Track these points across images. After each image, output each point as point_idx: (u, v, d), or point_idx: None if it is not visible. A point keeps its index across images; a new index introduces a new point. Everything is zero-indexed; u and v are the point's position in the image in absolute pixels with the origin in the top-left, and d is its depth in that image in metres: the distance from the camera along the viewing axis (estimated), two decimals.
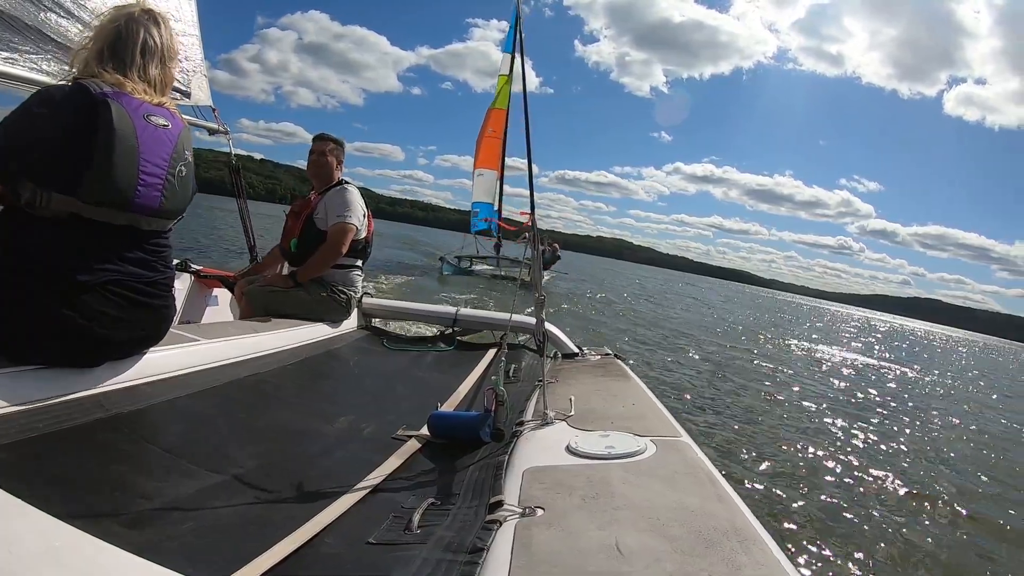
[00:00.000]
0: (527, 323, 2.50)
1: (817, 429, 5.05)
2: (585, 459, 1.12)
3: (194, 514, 0.93)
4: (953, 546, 3.04)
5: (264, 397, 1.62)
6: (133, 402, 1.26)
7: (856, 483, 3.76)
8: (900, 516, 3.31)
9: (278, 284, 2.49)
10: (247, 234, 3.42)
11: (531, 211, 1.63)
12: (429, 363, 2.41)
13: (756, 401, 5.78)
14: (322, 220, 2.48)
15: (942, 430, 6.17)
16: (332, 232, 2.45)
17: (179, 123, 1.36)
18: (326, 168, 2.58)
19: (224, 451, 1.21)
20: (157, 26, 1.35)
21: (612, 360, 2.23)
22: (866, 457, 4.42)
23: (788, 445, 4.33)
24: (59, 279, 1.16)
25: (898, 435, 5.41)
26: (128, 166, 1.22)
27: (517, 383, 1.99)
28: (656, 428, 1.31)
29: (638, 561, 0.73)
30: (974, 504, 3.77)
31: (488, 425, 1.36)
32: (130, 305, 1.27)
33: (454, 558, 0.81)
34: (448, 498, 1.08)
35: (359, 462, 1.25)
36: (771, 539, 0.80)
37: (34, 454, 0.97)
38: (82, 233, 1.20)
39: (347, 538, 0.92)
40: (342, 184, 2.57)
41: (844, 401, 6.73)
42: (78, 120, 1.17)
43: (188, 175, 1.39)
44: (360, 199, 2.56)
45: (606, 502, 0.91)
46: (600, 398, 1.62)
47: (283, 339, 2.06)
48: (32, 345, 1.14)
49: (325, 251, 2.46)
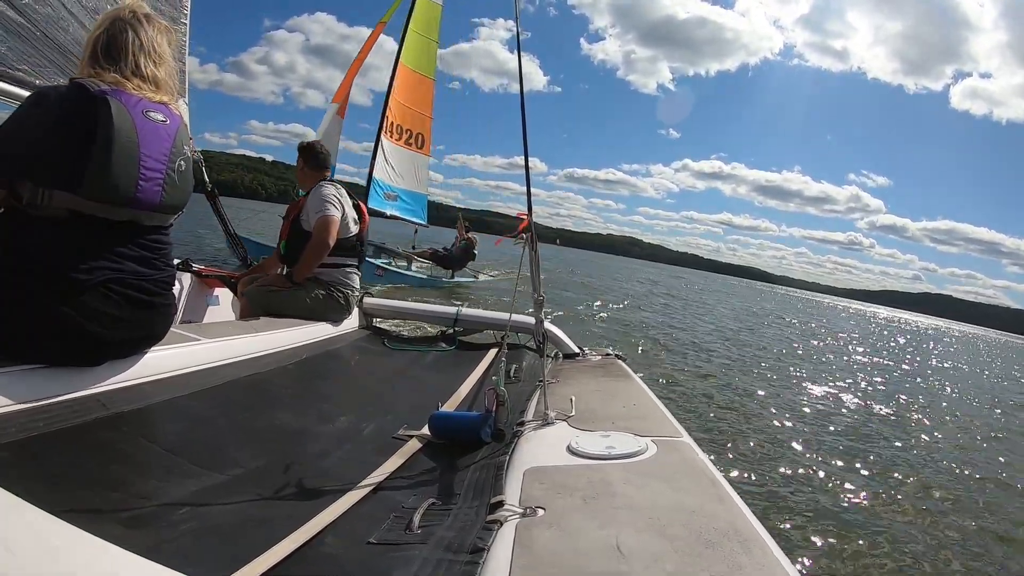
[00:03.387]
0: (528, 323, 2.50)
1: (830, 430, 5.05)
2: (586, 459, 1.12)
3: (194, 513, 0.93)
4: (955, 546, 3.04)
5: (265, 397, 1.63)
6: (133, 401, 1.26)
7: (859, 483, 3.76)
8: (902, 516, 3.31)
9: (276, 284, 2.52)
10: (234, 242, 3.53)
11: (528, 212, 1.63)
12: (430, 363, 2.41)
13: (768, 400, 5.78)
14: (306, 221, 2.56)
15: (956, 431, 6.16)
16: (315, 228, 2.50)
17: (176, 119, 1.37)
18: (299, 176, 2.74)
19: (224, 451, 1.21)
20: (142, 25, 1.35)
21: (613, 360, 2.24)
22: (871, 456, 4.41)
23: (790, 444, 4.33)
24: (59, 278, 1.16)
25: (911, 435, 5.41)
26: (129, 162, 1.23)
27: (518, 383, 1.99)
28: (657, 428, 1.31)
29: (639, 561, 0.73)
30: (978, 504, 3.76)
31: (489, 425, 1.36)
32: (131, 304, 1.27)
33: (455, 558, 0.81)
34: (449, 498, 1.08)
35: (360, 462, 1.25)
36: (772, 540, 0.80)
37: (34, 453, 0.97)
38: (82, 232, 1.20)
39: (348, 538, 0.92)
40: (319, 184, 2.63)
41: (857, 401, 6.73)
42: (77, 117, 1.18)
43: (187, 170, 1.40)
44: (336, 193, 2.58)
45: (607, 502, 0.91)
46: (601, 398, 1.62)
47: (284, 339, 2.07)
48: (33, 344, 1.15)
49: (313, 246, 2.50)
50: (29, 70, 2.08)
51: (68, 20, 2.19)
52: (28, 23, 2.07)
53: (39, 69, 2.10)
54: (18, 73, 2.05)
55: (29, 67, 2.08)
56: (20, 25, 2.05)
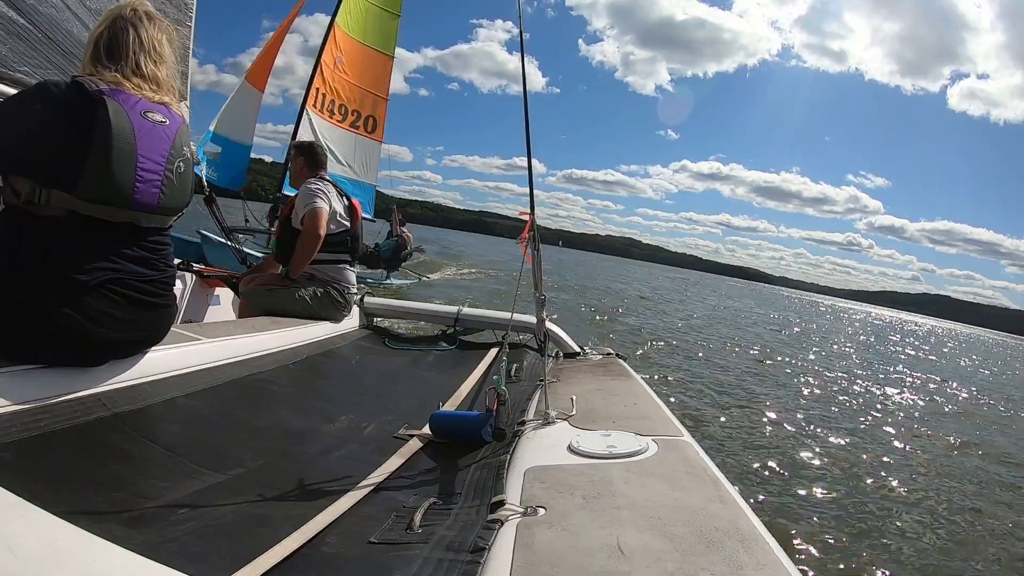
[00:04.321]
0: (529, 322, 2.51)
1: (830, 427, 5.05)
2: (587, 459, 1.12)
3: (195, 513, 0.93)
4: (959, 545, 3.04)
5: (266, 396, 1.63)
6: (134, 401, 1.26)
7: (861, 483, 3.75)
8: (905, 516, 3.30)
9: (273, 283, 2.54)
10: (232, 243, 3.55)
11: (531, 211, 1.63)
12: (431, 362, 2.41)
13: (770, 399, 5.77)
14: (296, 219, 2.57)
15: (960, 431, 6.15)
16: (304, 221, 2.52)
17: (177, 120, 1.36)
18: (295, 175, 2.78)
19: (226, 450, 1.21)
20: (143, 23, 1.35)
21: (614, 360, 2.24)
22: (875, 455, 4.41)
23: (791, 444, 4.33)
24: (60, 278, 1.16)
25: (912, 433, 5.40)
26: (125, 163, 1.22)
27: (519, 383, 1.99)
28: (658, 428, 1.31)
29: (639, 561, 0.73)
30: (981, 505, 3.75)
31: (490, 425, 1.36)
32: (131, 304, 1.27)
33: (456, 557, 0.81)
34: (450, 497, 1.08)
35: (360, 461, 1.25)
36: (772, 539, 0.80)
37: (35, 453, 0.97)
38: (82, 232, 1.20)
39: (349, 537, 0.92)
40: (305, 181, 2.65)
41: (857, 397, 6.72)
42: (75, 117, 1.17)
43: (187, 172, 1.39)
44: (321, 188, 2.59)
45: (608, 502, 0.91)
46: (601, 397, 1.62)
47: (285, 338, 2.07)
48: (33, 345, 1.14)
49: (303, 239, 2.51)
50: (30, 71, 2.09)
51: (72, 21, 2.19)
52: (30, 24, 2.07)
53: (40, 71, 2.10)
54: (18, 75, 2.05)
55: (30, 68, 2.08)
56: (22, 27, 2.05)
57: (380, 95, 10.90)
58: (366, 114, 10.80)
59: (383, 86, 10.99)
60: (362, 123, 10.74)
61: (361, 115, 10.72)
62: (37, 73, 2.08)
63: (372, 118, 10.84)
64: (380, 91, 10.92)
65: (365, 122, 10.78)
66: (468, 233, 33.45)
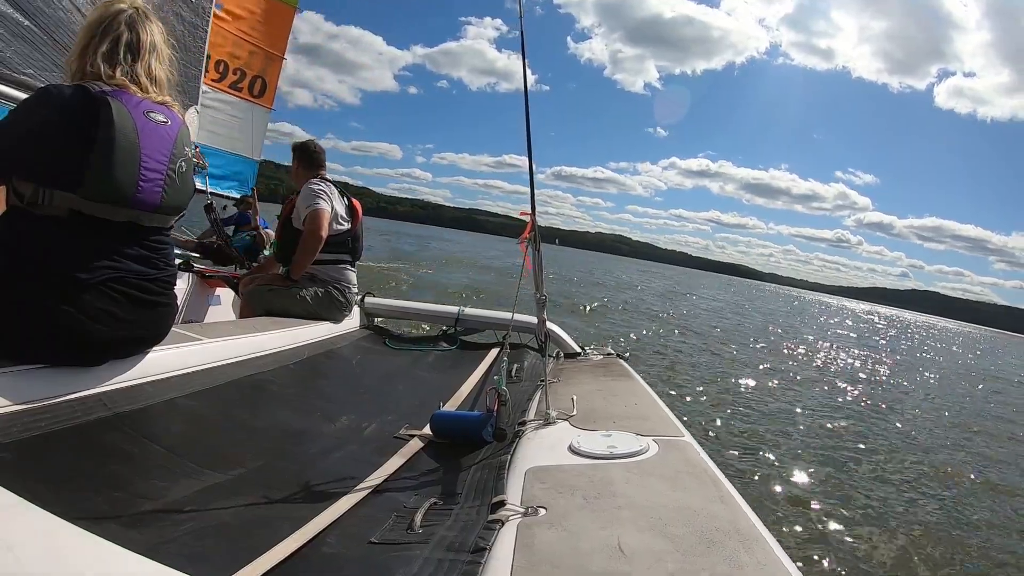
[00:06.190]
0: (530, 323, 2.51)
1: (830, 425, 5.04)
2: (587, 459, 1.12)
3: (196, 513, 0.93)
4: (957, 545, 3.03)
5: (266, 396, 1.62)
6: (135, 401, 1.26)
7: (862, 483, 3.75)
8: (906, 516, 3.30)
9: (275, 282, 2.53)
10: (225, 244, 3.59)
11: (531, 211, 1.62)
12: (431, 362, 2.41)
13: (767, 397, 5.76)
14: (297, 219, 2.57)
15: (960, 428, 6.14)
16: (306, 222, 2.51)
17: (177, 120, 1.37)
18: (294, 176, 2.76)
19: (226, 451, 1.21)
20: (146, 22, 1.35)
21: (614, 360, 2.23)
22: (875, 455, 4.40)
23: (791, 444, 4.32)
24: (60, 278, 1.16)
25: (910, 430, 5.39)
26: (129, 163, 1.23)
27: (519, 383, 1.99)
28: (658, 428, 1.30)
29: (640, 561, 0.72)
30: (984, 505, 3.75)
31: (490, 425, 1.36)
32: (131, 303, 1.27)
33: (456, 558, 0.81)
34: (450, 498, 1.08)
35: (361, 462, 1.25)
36: (773, 539, 0.80)
37: (36, 453, 0.97)
38: (82, 231, 1.20)
39: (349, 538, 0.92)
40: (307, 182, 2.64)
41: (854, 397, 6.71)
42: (78, 118, 1.18)
43: (188, 171, 1.40)
44: (323, 189, 2.58)
45: (608, 502, 0.91)
46: (602, 398, 1.62)
47: (285, 338, 2.07)
48: (34, 344, 1.15)
49: (305, 240, 2.51)
50: (35, 73, 2.09)
51: (79, 23, 2.19)
52: (35, 26, 2.07)
53: (45, 73, 2.10)
54: (23, 77, 2.06)
55: (35, 70, 2.08)
56: (27, 28, 2.05)
57: (274, 53, 9.05)
58: (252, 74, 8.50)
59: (280, 43, 8.68)
60: (246, 84, 8.40)
61: (246, 75, 8.39)
62: (42, 75, 2.08)
63: (260, 79, 8.74)
64: (275, 48, 8.99)
65: (251, 84, 8.49)
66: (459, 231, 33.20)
